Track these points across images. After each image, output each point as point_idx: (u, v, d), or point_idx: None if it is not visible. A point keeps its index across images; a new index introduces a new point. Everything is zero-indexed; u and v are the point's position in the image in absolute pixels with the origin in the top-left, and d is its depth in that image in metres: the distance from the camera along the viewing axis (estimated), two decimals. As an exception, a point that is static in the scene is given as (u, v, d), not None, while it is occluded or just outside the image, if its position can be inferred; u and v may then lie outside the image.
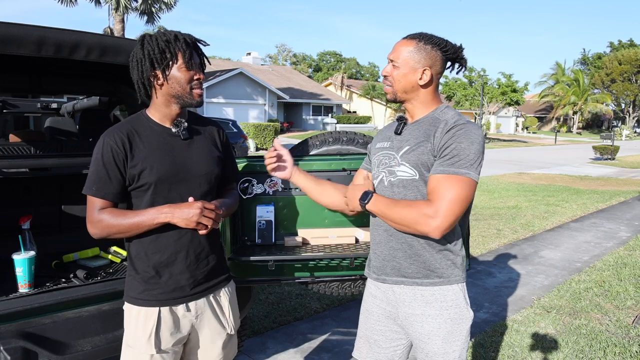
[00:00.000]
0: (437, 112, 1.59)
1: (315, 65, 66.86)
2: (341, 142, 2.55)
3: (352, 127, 34.19)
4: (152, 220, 1.52)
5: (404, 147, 1.57)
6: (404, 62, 1.56)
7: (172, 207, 1.53)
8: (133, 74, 1.57)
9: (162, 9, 20.89)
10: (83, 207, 2.89)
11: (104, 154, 1.52)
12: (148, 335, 1.57)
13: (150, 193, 1.56)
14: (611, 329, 3.57)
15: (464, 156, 1.46)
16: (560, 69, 52.18)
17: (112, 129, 1.57)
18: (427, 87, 1.58)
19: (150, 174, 1.54)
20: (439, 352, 1.58)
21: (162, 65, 1.51)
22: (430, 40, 1.55)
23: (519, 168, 15.83)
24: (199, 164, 1.63)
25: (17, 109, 4.23)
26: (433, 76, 1.56)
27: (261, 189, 2.28)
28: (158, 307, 1.58)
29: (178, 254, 1.59)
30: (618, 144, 22.78)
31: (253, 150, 20.38)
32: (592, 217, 7.86)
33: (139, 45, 1.54)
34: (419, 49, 1.55)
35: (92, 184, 1.53)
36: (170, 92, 1.55)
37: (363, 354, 1.75)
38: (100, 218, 1.51)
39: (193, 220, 1.53)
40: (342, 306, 3.94)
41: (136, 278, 1.60)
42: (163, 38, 1.52)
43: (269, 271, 2.15)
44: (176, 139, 1.61)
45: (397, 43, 1.60)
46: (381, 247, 1.65)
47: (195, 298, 1.65)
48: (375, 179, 1.67)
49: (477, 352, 3.14)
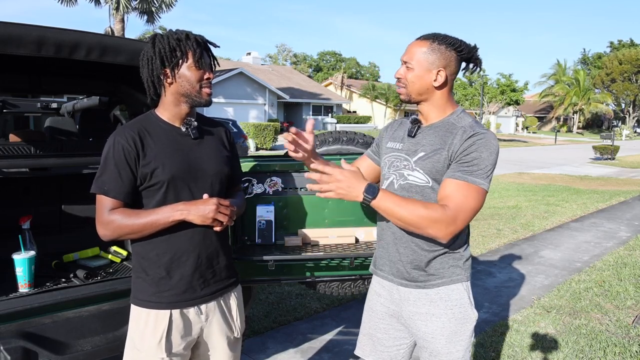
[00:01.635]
0: (454, 117, 1.56)
1: (316, 65, 66.84)
2: (341, 142, 2.55)
3: (352, 127, 34.17)
4: (167, 219, 1.50)
5: (419, 152, 1.55)
6: (417, 63, 1.53)
7: (188, 204, 1.52)
8: (143, 72, 1.56)
9: (162, 9, 20.89)
10: (83, 207, 2.91)
11: (115, 152, 1.50)
12: (158, 339, 1.54)
13: (162, 192, 1.54)
14: (611, 329, 3.57)
15: (483, 166, 1.46)
16: (561, 69, 52.18)
17: (122, 128, 1.55)
18: (441, 89, 1.55)
19: (162, 172, 1.52)
20: (442, 351, 1.58)
21: (172, 64, 1.51)
22: (445, 41, 1.53)
23: (519, 168, 15.83)
24: (209, 163, 1.63)
25: (17, 109, 4.23)
26: (448, 77, 1.54)
27: (261, 189, 2.28)
28: (169, 310, 1.56)
29: (190, 254, 1.57)
30: (618, 143, 22.77)
31: (253, 150, 20.37)
32: (592, 217, 7.86)
33: (150, 43, 1.54)
34: (433, 49, 1.52)
35: (103, 183, 1.49)
36: (179, 90, 1.55)
37: (366, 352, 1.75)
38: (112, 219, 1.48)
39: (210, 216, 1.51)
40: (342, 306, 3.93)
41: (146, 280, 1.57)
42: (174, 37, 1.52)
43: (269, 271, 2.15)
44: (186, 138, 1.60)
45: (410, 44, 1.57)
46: (388, 249, 1.65)
47: (206, 300, 1.63)
48: (385, 179, 1.65)
49: (477, 352, 3.14)
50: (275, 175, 2.29)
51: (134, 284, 1.61)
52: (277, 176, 2.29)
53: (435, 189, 1.52)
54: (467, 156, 1.46)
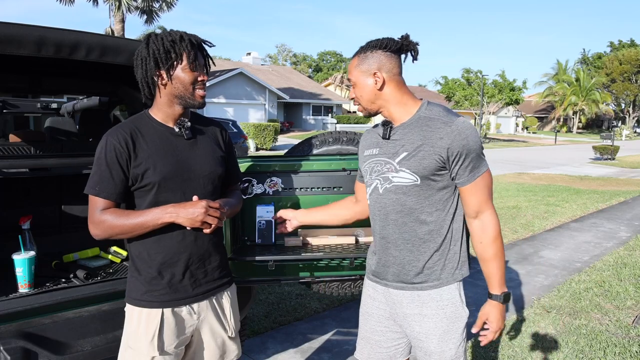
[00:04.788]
0: (423, 110, 1.57)
1: (316, 65, 66.85)
2: (341, 142, 2.56)
3: (352, 127, 34.15)
4: (156, 220, 1.50)
5: (401, 153, 1.55)
6: (356, 78, 1.59)
7: (177, 207, 1.52)
8: (137, 73, 1.56)
9: (163, 8, 20.89)
10: (83, 207, 2.91)
11: (107, 153, 1.50)
12: (151, 337, 1.56)
13: (154, 193, 1.55)
14: (611, 329, 3.57)
15: (479, 152, 1.53)
16: (561, 69, 52.18)
17: (115, 128, 1.55)
18: (385, 88, 1.57)
19: (154, 173, 1.53)
20: (435, 350, 1.59)
21: (166, 65, 1.51)
22: (368, 46, 1.57)
23: (519, 168, 15.83)
24: (202, 164, 1.62)
25: (17, 109, 4.23)
26: (386, 76, 1.56)
27: (261, 189, 2.28)
28: (161, 309, 1.57)
29: (181, 255, 1.58)
30: (618, 144, 22.77)
31: (253, 150, 20.37)
32: (592, 217, 7.86)
33: (144, 44, 1.54)
34: (362, 59, 1.57)
35: (95, 184, 1.50)
36: (173, 92, 1.55)
37: (365, 355, 1.76)
38: (103, 219, 1.49)
39: (198, 219, 1.51)
40: (342, 306, 3.94)
41: (138, 279, 1.59)
42: (168, 38, 1.51)
43: (269, 271, 2.15)
44: (179, 139, 1.60)
45: (348, 67, 1.65)
46: (380, 254, 1.66)
47: (197, 300, 1.64)
48: (369, 186, 1.67)
49: (477, 352, 3.14)
50: (275, 175, 2.29)
51: (128, 283, 1.63)
52: (277, 176, 2.29)
53: (422, 186, 1.54)
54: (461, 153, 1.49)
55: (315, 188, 2.30)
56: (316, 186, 2.30)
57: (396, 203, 1.58)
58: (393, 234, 1.60)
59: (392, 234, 1.60)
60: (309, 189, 2.30)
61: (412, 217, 1.56)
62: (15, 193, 2.72)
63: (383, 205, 1.61)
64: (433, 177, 1.53)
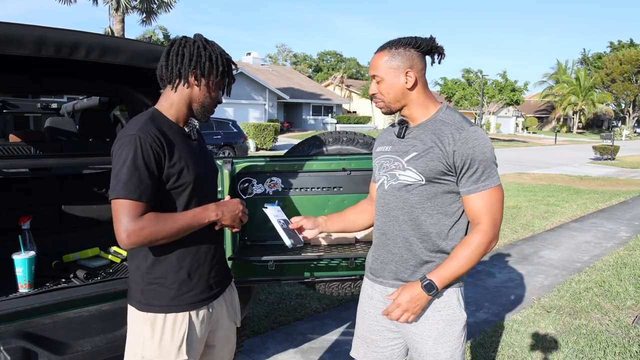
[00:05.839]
0: (440, 114, 1.58)
1: (316, 65, 66.84)
2: (341, 143, 2.56)
3: (352, 127, 34.19)
4: (202, 220, 1.48)
5: (411, 152, 1.56)
6: (385, 72, 1.55)
7: (220, 205, 1.54)
8: (173, 59, 1.50)
9: (162, 9, 20.87)
10: (83, 207, 2.91)
11: (143, 153, 1.39)
12: (179, 343, 1.51)
13: (188, 193, 1.50)
14: (611, 329, 3.57)
15: (490, 163, 1.50)
16: (561, 69, 52.18)
17: (143, 126, 1.44)
18: (415, 88, 1.57)
19: (188, 173, 1.49)
20: (430, 352, 1.59)
21: (204, 71, 1.51)
22: (401, 43, 1.55)
23: (519, 168, 15.83)
24: (210, 164, 1.66)
25: (17, 109, 4.23)
26: (417, 75, 1.55)
27: (261, 189, 2.28)
28: (188, 312, 1.54)
29: (207, 254, 1.59)
30: (618, 144, 22.78)
31: (253, 150, 20.38)
32: (592, 217, 7.86)
33: (201, 41, 1.52)
34: (394, 55, 1.54)
35: (135, 187, 1.37)
36: (192, 95, 1.54)
37: (360, 354, 1.77)
38: (143, 225, 1.36)
39: (239, 215, 1.55)
40: (342, 306, 3.94)
41: (164, 285, 1.51)
42: (225, 55, 1.56)
43: (269, 271, 2.15)
44: (189, 139, 1.60)
45: (372, 59, 1.60)
46: (379, 250, 1.67)
47: (216, 296, 1.66)
48: (377, 182, 1.68)
49: (477, 352, 3.14)
50: (275, 175, 2.29)
51: (145, 291, 1.53)
52: (277, 176, 2.29)
53: (427, 187, 1.54)
54: (471, 162, 1.48)
55: (315, 188, 2.31)
56: (316, 186, 2.31)
57: (399, 200, 1.58)
58: (393, 230, 1.61)
59: (392, 230, 1.61)
60: (309, 189, 2.30)
61: (412, 215, 1.57)
62: (15, 193, 2.72)
63: (386, 201, 1.62)
64: (438, 180, 1.53)
